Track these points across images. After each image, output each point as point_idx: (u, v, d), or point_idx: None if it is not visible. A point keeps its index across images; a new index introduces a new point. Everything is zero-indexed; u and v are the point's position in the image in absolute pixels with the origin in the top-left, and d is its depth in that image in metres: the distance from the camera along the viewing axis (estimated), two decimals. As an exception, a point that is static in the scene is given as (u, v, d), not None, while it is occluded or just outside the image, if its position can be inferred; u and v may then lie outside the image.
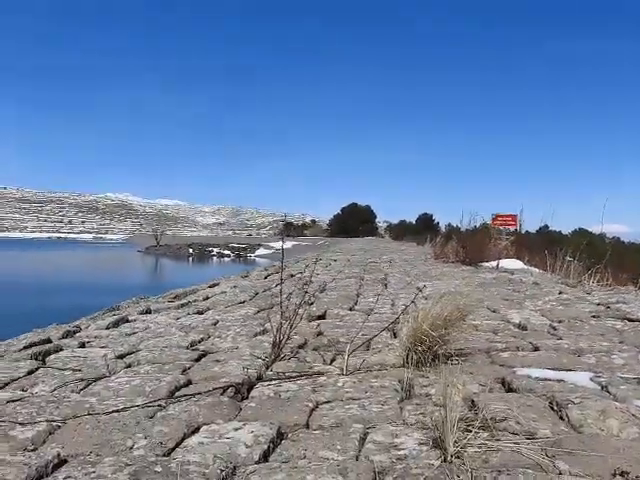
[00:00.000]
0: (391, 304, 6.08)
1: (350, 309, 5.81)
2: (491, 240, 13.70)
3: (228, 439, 2.17)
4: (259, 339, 4.19)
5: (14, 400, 2.67)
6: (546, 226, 18.94)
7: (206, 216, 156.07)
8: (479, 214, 15.85)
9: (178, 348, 3.91)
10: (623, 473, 1.76)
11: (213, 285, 8.67)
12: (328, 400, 2.67)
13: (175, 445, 2.16)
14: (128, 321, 5.16)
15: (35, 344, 4.08)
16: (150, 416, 2.48)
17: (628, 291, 7.04)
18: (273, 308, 5.93)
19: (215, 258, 43.98)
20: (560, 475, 1.79)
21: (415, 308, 3.52)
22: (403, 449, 2.02)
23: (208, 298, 6.96)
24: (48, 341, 4.25)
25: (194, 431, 2.30)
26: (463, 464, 1.86)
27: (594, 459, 1.87)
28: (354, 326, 4.64)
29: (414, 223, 58.29)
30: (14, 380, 3.12)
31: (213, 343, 4.08)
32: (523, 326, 4.58)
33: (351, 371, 3.19)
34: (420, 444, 2.05)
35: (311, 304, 5.93)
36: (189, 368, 3.36)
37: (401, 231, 52.56)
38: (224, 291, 7.66)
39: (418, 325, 3.25)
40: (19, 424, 2.33)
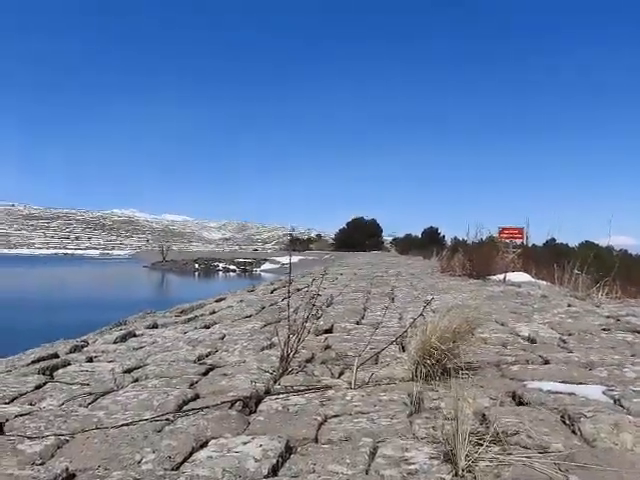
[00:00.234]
0: (399, 317, 6.05)
1: (357, 323, 5.79)
2: (498, 253, 13.65)
3: (237, 453, 2.15)
4: (266, 353, 4.18)
5: (22, 414, 2.67)
6: (553, 239, 18.85)
7: (212, 231, 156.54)
8: (485, 227, 15.82)
9: (185, 362, 3.90)
10: (638, 487, 1.74)
11: (219, 299, 8.66)
12: (337, 414, 2.65)
13: (183, 459, 2.14)
14: (135, 335, 5.16)
15: (43, 359, 4.08)
16: (158, 430, 2.46)
17: (638, 304, 6.98)
18: (280, 322, 5.91)
19: (221, 273, 44.03)
20: (574, 489, 1.76)
21: (423, 321, 3.50)
22: (414, 463, 2.00)
23: (215, 312, 6.95)
24: (56, 356, 4.25)
25: (202, 445, 2.28)
26: (474, 478, 1.84)
27: (608, 474, 1.84)
28: (362, 340, 4.62)
29: (420, 237, 58.23)
30: (22, 394, 3.12)
31: (220, 357, 4.07)
32: (532, 339, 4.55)
33: (359, 385, 3.16)
34: (431, 458, 2.03)
35: (318, 318, 5.91)
36: (197, 382, 3.34)
37: (407, 245, 52.53)
38: (230, 305, 7.65)
39: (427, 338, 3.24)
40: (27, 438, 2.32)
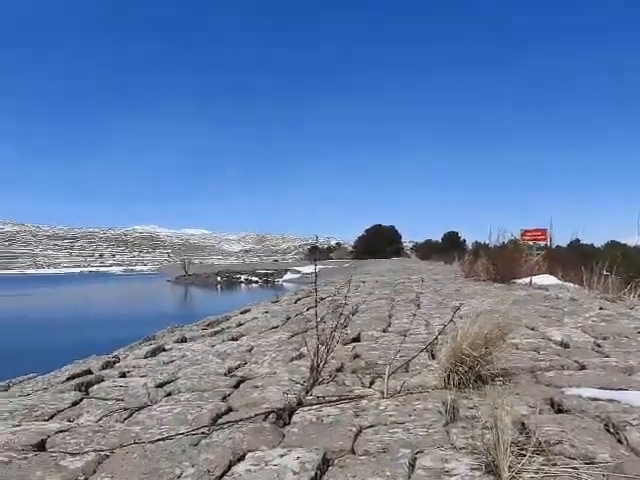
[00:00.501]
0: (425, 324, 6.00)
1: (384, 330, 5.76)
2: (522, 256, 13.47)
3: (275, 466, 2.15)
4: (296, 364, 4.18)
5: (62, 431, 2.71)
6: (577, 240, 18.56)
7: (232, 244, 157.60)
8: (507, 230, 15.61)
9: (216, 375, 3.92)
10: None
11: (244, 311, 8.71)
12: (371, 424, 2.63)
13: (222, 473, 2.15)
14: (165, 350, 5.21)
15: (77, 375, 4.15)
16: (195, 444, 2.48)
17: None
18: (307, 332, 5.92)
19: (243, 285, 44.24)
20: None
21: (453, 327, 3.47)
22: (455, 475, 1.97)
23: (241, 324, 6.99)
24: (89, 372, 4.32)
25: (239, 458, 2.29)
26: (519, 489, 1.81)
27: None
28: (390, 348, 4.59)
29: (440, 242, 57.80)
30: (60, 411, 3.17)
31: (250, 369, 4.08)
32: (565, 344, 4.47)
33: (391, 394, 3.15)
34: (472, 469, 2.00)
35: (345, 327, 5.90)
36: (229, 395, 3.36)
37: (427, 250, 52.14)
38: (256, 317, 7.69)
39: (457, 345, 3.21)
40: (69, 454, 2.36)
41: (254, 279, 46.71)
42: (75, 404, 3.33)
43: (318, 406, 3.00)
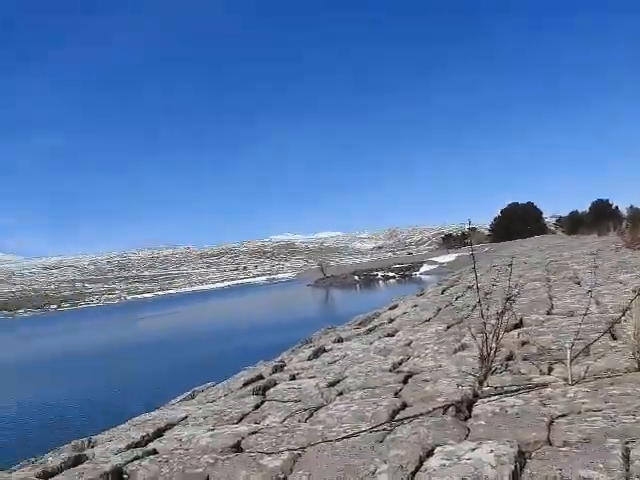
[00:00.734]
0: (595, 303, 5.51)
1: (548, 313, 5.40)
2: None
3: (469, 460, 2.09)
4: (460, 355, 4.06)
5: (253, 432, 2.90)
6: None
7: (364, 242, 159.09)
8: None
9: (382, 372, 3.95)
10: None
11: (393, 307, 8.70)
12: (563, 413, 2.46)
13: (415, 468, 2.14)
14: (325, 351, 5.37)
15: (252, 381, 4.43)
16: (380, 440, 2.50)
17: None
18: (462, 322, 5.74)
19: (381, 281, 44.35)
20: None
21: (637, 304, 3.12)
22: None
23: (392, 320, 6.99)
24: (261, 377, 4.59)
25: (429, 453, 2.27)
26: None
27: None
28: (561, 331, 4.29)
29: (587, 212, 53.02)
30: (246, 414, 3.40)
31: (414, 363, 4.05)
32: None
33: (577, 380, 2.92)
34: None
35: (503, 313, 5.62)
36: (400, 390, 3.36)
37: (574, 223, 48.09)
38: (406, 311, 7.64)
39: (647, 321, 2.89)
40: (265, 454, 2.51)
41: (391, 274, 46.59)
42: (257, 407, 3.55)
43: (497, 397, 2.88)
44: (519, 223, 62.07)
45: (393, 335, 5.66)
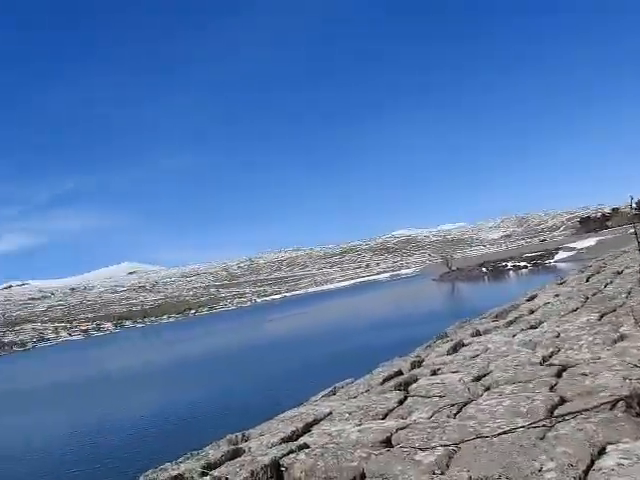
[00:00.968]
0: None
1: None
2: None
3: (652, 459, 1.89)
4: (622, 346, 3.70)
5: (401, 428, 2.87)
6: None
7: (490, 231, 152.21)
8: None
9: (531, 365, 3.72)
10: None
11: (531, 298, 8.19)
12: None
13: (587, 467, 1.98)
14: (464, 345, 5.19)
15: (391, 377, 4.40)
16: (541, 437, 2.35)
17: None
18: (616, 311, 5.25)
19: (511, 272, 42.17)
20: None
21: None
22: None
23: (533, 311, 6.58)
24: (400, 373, 4.54)
25: (600, 451, 2.09)
26: None
27: None
28: None
29: None
30: (391, 410, 3.38)
31: (567, 355, 3.77)
32: None
33: None
34: None
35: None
36: (555, 385, 3.13)
37: None
38: (547, 302, 7.15)
39: None
40: (418, 449, 2.47)
41: (522, 264, 44.06)
42: (401, 403, 3.51)
43: (676, 390, 2.57)
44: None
45: (537, 327, 5.32)
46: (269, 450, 2.86)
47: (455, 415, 2.99)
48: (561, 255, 41.40)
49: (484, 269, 46.62)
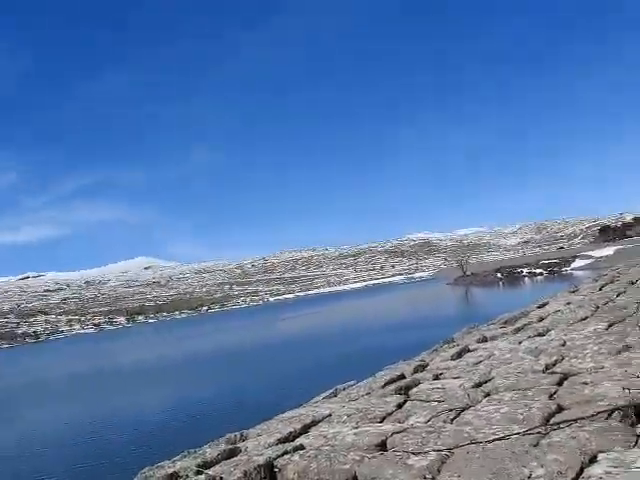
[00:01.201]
0: None
1: None
2: None
3: (638, 468, 1.89)
4: (627, 356, 3.68)
5: (398, 432, 2.88)
6: None
7: (508, 237, 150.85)
8: None
9: (533, 373, 3.72)
10: None
11: (542, 305, 8.15)
12: None
13: (576, 475, 1.99)
14: (470, 351, 5.18)
15: (394, 380, 4.42)
16: (534, 444, 2.36)
17: None
18: (625, 321, 5.21)
19: (526, 278, 41.75)
20: None
21: None
22: None
23: (543, 319, 6.54)
24: (403, 377, 4.55)
25: (591, 460, 2.09)
26: None
27: None
28: None
29: None
30: (389, 414, 3.40)
31: (571, 364, 3.75)
32: None
33: None
34: None
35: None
36: (554, 393, 3.13)
37: None
38: (558, 310, 7.10)
39: None
40: (412, 453, 2.48)
41: (537, 271, 43.59)
42: (400, 406, 3.53)
43: (672, 402, 2.57)
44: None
45: (544, 334, 5.30)
46: (265, 450, 2.90)
47: (452, 420, 3.01)
48: (578, 263, 40.88)
49: (499, 275, 46.21)
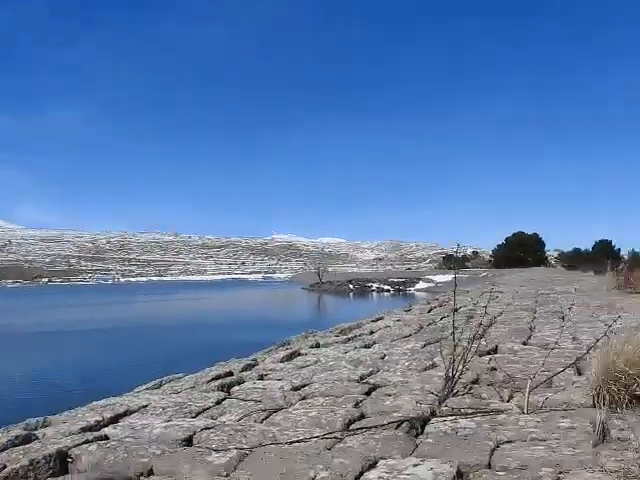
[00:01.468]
0: (571, 338, 5.55)
1: (524, 343, 5.43)
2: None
3: (408, 475, 2.13)
4: (429, 373, 4.10)
5: (207, 428, 2.92)
6: None
7: (365, 252, 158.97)
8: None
9: (349, 381, 3.98)
10: None
11: (377, 319, 8.73)
12: (510, 440, 2.50)
13: (354, 478, 2.17)
14: (300, 355, 5.40)
15: (220, 376, 4.46)
16: (329, 448, 2.54)
17: None
18: (440, 342, 5.77)
19: (375, 293, 44.33)
20: None
21: (605, 343, 3.17)
22: (606, 500, 1.80)
23: (373, 332, 7.01)
24: (230, 374, 4.61)
25: (372, 465, 2.30)
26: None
27: None
28: (531, 362, 4.32)
29: (590, 251, 52.96)
30: (205, 409, 3.42)
31: (383, 377, 4.08)
32: None
33: (532, 410, 2.95)
34: (626, 496, 1.81)
35: (481, 337, 5.65)
36: (361, 401, 3.39)
37: (575, 260, 48.13)
38: (388, 325, 7.67)
39: (610, 361, 2.92)
40: (214, 450, 2.54)
41: (386, 287, 46.57)
42: (218, 403, 3.58)
43: (453, 418, 2.91)
44: (522, 252, 62.15)
45: (370, 347, 5.69)
46: (63, 439, 2.76)
47: (262, 421, 3.11)
48: (421, 285, 44.37)
49: (351, 286, 48.52)
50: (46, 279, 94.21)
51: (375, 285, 47.51)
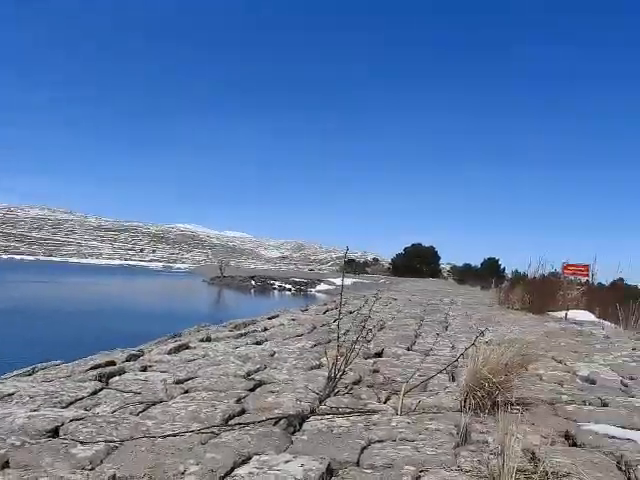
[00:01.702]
0: (451, 347, 5.92)
1: (408, 349, 5.70)
2: (560, 289, 13.13)
3: (278, 471, 2.16)
4: (314, 373, 4.18)
5: (77, 419, 2.78)
6: (621, 279, 17.74)
7: (270, 249, 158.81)
8: (548, 262, 15.14)
9: (235, 377, 3.96)
10: None
11: (272, 317, 8.75)
12: (381, 439, 2.61)
13: (225, 474, 2.17)
14: (189, 348, 5.28)
15: (100, 366, 4.25)
16: (203, 442, 2.51)
17: None
18: (330, 343, 5.91)
19: (276, 291, 44.42)
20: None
21: (475, 352, 3.41)
22: (456, 497, 1.94)
23: (267, 330, 7.03)
24: (112, 363, 4.41)
25: (244, 460, 2.31)
26: (520, 519, 1.76)
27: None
28: (411, 366, 4.55)
29: (479, 267, 56.73)
30: (78, 399, 3.25)
31: (269, 374, 4.10)
32: (591, 380, 4.32)
33: (406, 411, 3.11)
34: (474, 493, 1.96)
35: (369, 341, 5.86)
36: (244, 397, 3.39)
37: (465, 274, 51.39)
38: (282, 323, 7.72)
39: (477, 369, 3.15)
40: (80, 443, 2.41)
41: (287, 287, 46.84)
42: (94, 393, 3.41)
43: (330, 416, 3.00)
44: (418, 263, 65.24)
45: (261, 344, 5.69)
46: None
47: (139, 413, 3.01)
48: (322, 287, 45.07)
49: (253, 282, 48.24)
50: None
51: (277, 283, 47.59)
